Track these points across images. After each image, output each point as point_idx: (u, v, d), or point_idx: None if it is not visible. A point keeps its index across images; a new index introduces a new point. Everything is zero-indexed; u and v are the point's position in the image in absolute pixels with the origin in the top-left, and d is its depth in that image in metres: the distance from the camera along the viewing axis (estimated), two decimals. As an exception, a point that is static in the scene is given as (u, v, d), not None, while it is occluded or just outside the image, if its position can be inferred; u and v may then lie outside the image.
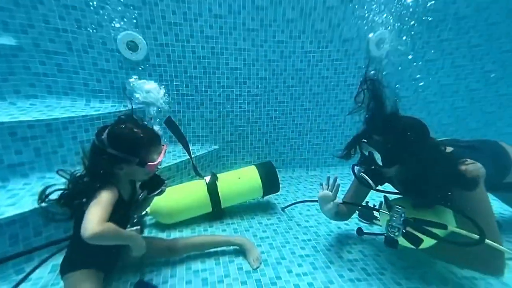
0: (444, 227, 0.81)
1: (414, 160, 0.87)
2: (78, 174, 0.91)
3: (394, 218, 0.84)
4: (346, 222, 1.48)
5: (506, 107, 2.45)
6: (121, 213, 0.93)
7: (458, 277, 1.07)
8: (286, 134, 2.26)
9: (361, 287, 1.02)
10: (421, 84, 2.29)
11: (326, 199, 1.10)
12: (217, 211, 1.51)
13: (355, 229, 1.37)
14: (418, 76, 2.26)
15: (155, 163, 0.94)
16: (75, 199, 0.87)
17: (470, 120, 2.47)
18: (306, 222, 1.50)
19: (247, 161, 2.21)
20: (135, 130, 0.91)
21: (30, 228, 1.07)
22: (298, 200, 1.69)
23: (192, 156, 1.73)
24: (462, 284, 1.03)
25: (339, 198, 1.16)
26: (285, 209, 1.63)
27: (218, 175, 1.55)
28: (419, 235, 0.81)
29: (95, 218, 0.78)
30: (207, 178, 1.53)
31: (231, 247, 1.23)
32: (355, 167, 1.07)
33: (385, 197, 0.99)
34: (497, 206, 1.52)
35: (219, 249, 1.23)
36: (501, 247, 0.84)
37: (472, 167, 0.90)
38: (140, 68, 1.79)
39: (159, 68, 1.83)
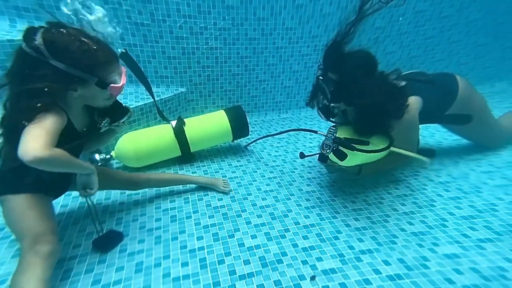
0: (366, 143, 0.98)
1: (358, 96, 0.96)
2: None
3: (327, 137, 0.97)
4: (310, 159, 1.58)
5: (472, 35, 2.44)
6: (71, 144, 0.77)
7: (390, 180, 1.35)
8: (258, 75, 2.15)
9: (315, 212, 1.17)
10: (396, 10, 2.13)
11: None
12: (187, 155, 1.54)
13: (318, 165, 1.49)
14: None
15: (119, 85, 0.78)
16: (12, 129, 0.69)
17: (437, 51, 2.45)
18: (274, 162, 1.59)
19: (218, 105, 2.14)
20: (83, 39, 0.71)
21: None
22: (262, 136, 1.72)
23: (157, 99, 1.63)
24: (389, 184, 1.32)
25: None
26: (248, 146, 1.70)
27: (186, 119, 1.52)
28: (345, 150, 0.95)
29: (39, 140, 0.64)
30: (174, 123, 1.49)
31: (199, 187, 1.30)
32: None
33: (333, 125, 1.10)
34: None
35: (188, 188, 1.29)
36: (404, 151, 1.07)
37: (409, 100, 1.07)
38: None
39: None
